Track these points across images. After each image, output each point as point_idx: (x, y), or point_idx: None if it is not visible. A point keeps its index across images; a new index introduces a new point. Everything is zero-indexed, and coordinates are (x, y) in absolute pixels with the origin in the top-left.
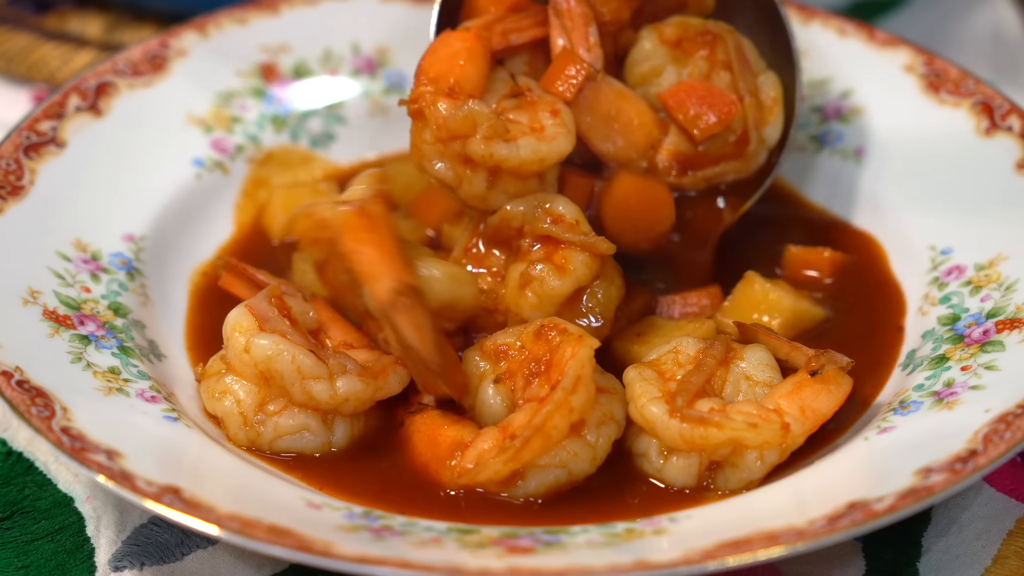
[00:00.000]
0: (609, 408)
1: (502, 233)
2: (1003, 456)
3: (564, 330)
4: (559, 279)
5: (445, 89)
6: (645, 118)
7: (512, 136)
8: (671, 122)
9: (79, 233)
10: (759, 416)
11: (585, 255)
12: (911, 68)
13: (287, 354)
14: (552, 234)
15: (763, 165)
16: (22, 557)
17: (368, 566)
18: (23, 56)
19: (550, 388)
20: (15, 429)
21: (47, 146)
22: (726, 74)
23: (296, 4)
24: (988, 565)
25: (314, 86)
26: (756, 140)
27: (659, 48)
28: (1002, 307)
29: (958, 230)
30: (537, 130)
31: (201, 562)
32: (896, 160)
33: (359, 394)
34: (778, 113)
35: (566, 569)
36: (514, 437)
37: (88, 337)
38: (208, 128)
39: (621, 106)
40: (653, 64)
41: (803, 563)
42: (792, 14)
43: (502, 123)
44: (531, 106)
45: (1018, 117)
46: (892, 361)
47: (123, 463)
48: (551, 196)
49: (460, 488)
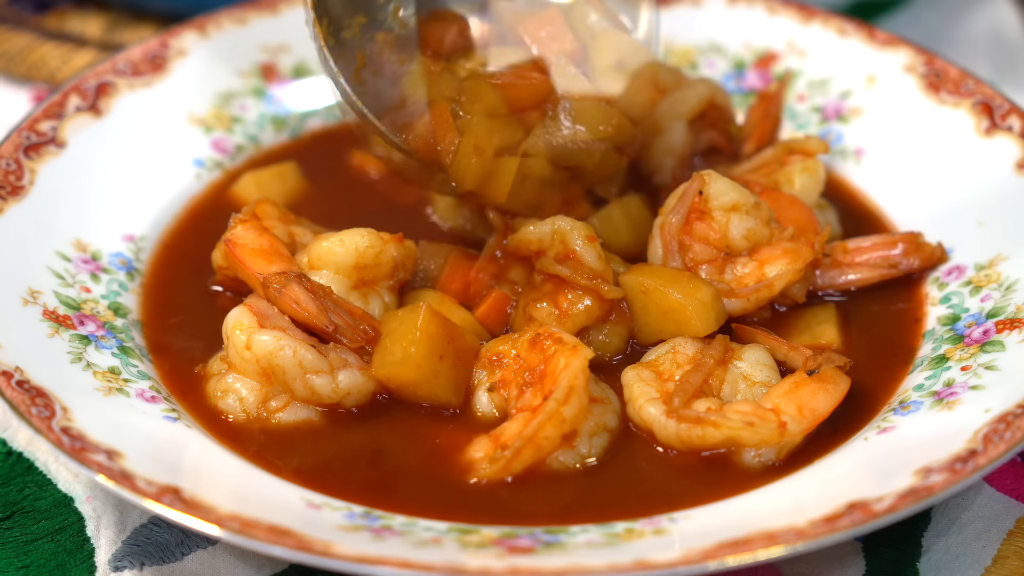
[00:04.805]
0: (602, 419)
1: (521, 251)
2: (1003, 456)
3: (559, 339)
4: (558, 324)
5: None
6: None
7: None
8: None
9: (79, 233)
10: (756, 415)
11: (591, 299)
12: (911, 68)
13: (288, 349)
14: (559, 275)
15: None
16: (22, 557)
17: (368, 566)
18: (23, 56)
19: (543, 398)
20: (15, 429)
21: (47, 146)
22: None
23: (296, 4)
24: (988, 565)
25: (314, 86)
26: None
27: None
28: (1002, 307)
29: (958, 230)
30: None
31: (201, 562)
32: (896, 160)
33: (361, 387)
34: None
35: (566, 569)
36: (505, 447)
37: (88, 337)
38: (208, 128)
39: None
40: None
41: (803, 563)
42: (792, 14)
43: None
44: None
45: (1018, 117)
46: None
47: (123, 463)
48: (568, 225)
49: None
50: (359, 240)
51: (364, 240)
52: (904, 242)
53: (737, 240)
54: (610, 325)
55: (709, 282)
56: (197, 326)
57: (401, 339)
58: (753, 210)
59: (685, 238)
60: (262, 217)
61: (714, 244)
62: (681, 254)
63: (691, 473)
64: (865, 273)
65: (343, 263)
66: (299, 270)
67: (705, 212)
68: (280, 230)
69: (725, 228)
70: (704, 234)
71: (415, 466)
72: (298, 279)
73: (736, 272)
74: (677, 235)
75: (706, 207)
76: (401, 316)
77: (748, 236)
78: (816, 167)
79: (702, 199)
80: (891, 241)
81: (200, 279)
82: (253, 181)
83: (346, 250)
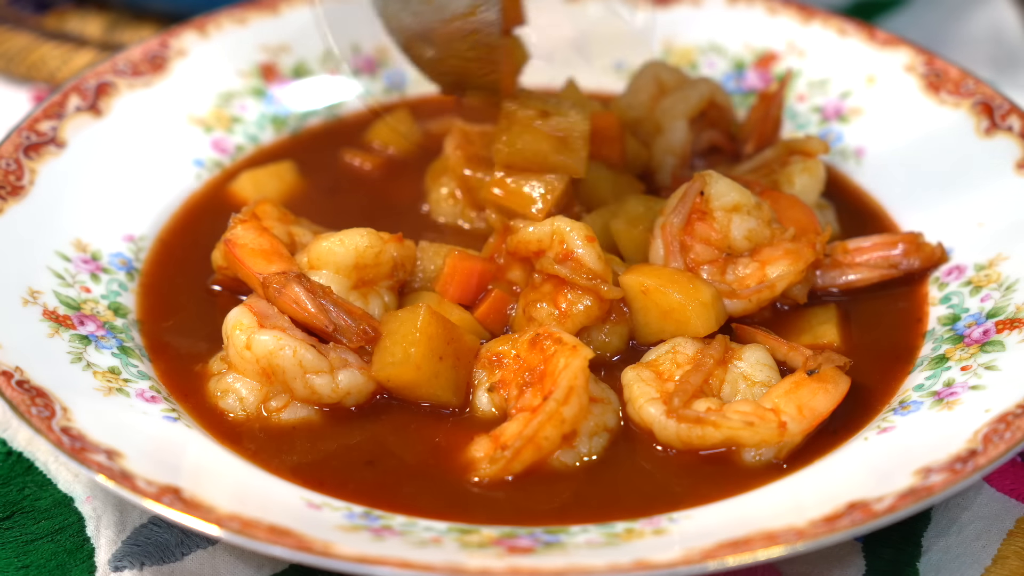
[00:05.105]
0: (602, 419)
1: (520, 252)
2: (1003, 456)
3: (559, 340)
4: (557, 324)
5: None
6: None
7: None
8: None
9: (79, 233)
10: (755, 415)
11: (590, 300)
12: (911, 68)
13: (288, 349)
14: (559, 275)
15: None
16: (22, 557)
17: (368, 566)
18: (23, 56)
19: (543, 398)
20: (15, 429)
21: (47, 146)
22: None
23: (296, 4)
24: (988, 565)
25: (314, 86)
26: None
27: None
28: (1002, 307)
29: (958, 230)
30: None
31: (201, 562)
32: (896, 160)
33: (360, 387)
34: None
35: (566, 569)
36: (505, 447)
37: (88, 337)
38: (208, 128)
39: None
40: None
41: (803, 563)
42: (792, 14)
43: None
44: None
45: (1018, 117)
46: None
47: (123, 463)
48: (568, 225)
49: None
50: (359, 240)
51: (364, 240)
52: (904, 242)
53: (738, 241)
54: (610, 325)
55: (709, 282)
56: (197, 326)
57: (401, 340)
58: (754, 210)
59: (686, 238)
60: (262, 217)
61: (715, 245)
62: (682, 255)
63: (691, 473)
64: (865, 273)
65: (343, 263)
66: (299, 270)
67: (706, 213)
68: (280, 230)
69: (726, 229)
70: (705, 235)
71: (415, 466)
72: (298, 279)
73: (737, 273)
74: (678, 235)
75: (707, 207)
76: (401, 317)
77: (749, 237)
78: (816, 167)
79: (703, 200)
80: (891, 241)
81: (200, 279)
82: (250, 179)
83: (346, 250)
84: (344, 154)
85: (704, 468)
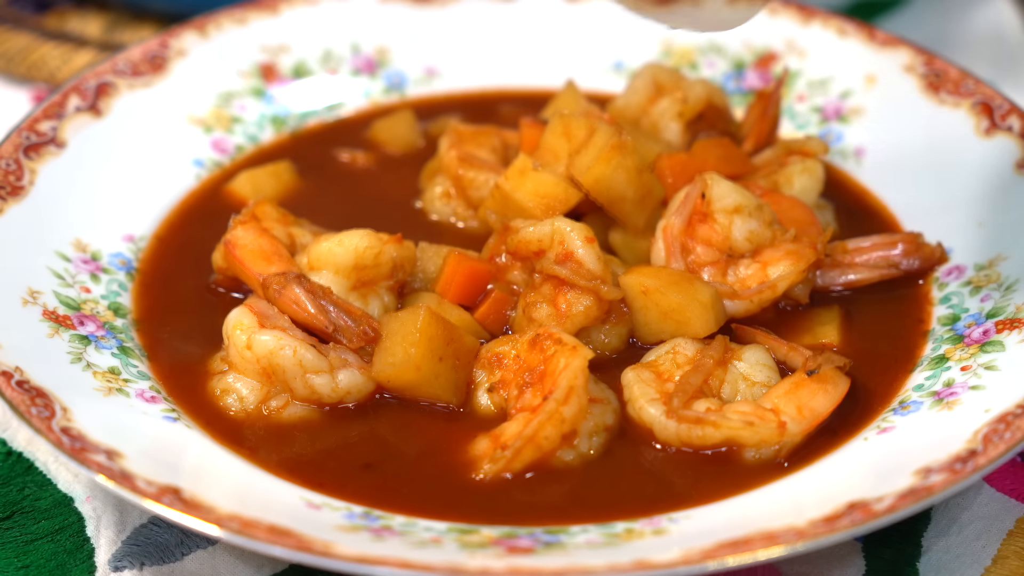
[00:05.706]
0: (602, 419)
1: (520, 252)
2: (1003, 456)
3: (559, 340)
4: (557, 325)
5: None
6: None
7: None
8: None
9: (79, 233)
10: (755, 415)
11: (590, 300)
12: (911, 68)
13: (288, 348)
14: (559, 276)
15: None
16: (22, 557)
17: (368, 566)
18: (23, 56)
19: (543, 398)
20: (15, 429)
21: (47, 146)
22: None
23: (296, 4)
24: (988, 565)
25: (313, 86)
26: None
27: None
28: (1002, 307)
29: (958, 230)
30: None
31: (201, 562)
32: (896, 160)
33: (360, 387)
34: None
35: (566, 569)
36: (505, 447)
37: (88, 337)
38: (208, 128)
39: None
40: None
41: (803, 563)
42: (792, 14)
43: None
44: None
45: (1018, 117)
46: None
47: (123, 463)
48: (568, 226)
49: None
50: (358, 241)
51: (363, 241)
52: (904, 242)
53: (740, 242)
54: (610, 325)
55: (709, 283)
56: (197, 326)
57: (401, 341)
58: (756, 212)
59: (688, 240)
60: (261, 218)
61: (717, 246)
62: (683, 256)
63: (691, 473)
64: (865, 273)
65: (342, 264)
66: (299, 271)
67: (708, 215)
68: (279, 231)
69: (728, 230)
70: (707, 236)
71: (415, 466)
72: (298, 280)
73: (739, 274)
74: (679, 237)
75: (709, 209)
76: (401, 318)
77: (751, 238)
78: (816, 168)
79: (704, 202)
80: (891, 241)
81: (200, 279)
82: (248, 179)
83: (345, 251)
84: (341, 153)
85: (704, 468)
